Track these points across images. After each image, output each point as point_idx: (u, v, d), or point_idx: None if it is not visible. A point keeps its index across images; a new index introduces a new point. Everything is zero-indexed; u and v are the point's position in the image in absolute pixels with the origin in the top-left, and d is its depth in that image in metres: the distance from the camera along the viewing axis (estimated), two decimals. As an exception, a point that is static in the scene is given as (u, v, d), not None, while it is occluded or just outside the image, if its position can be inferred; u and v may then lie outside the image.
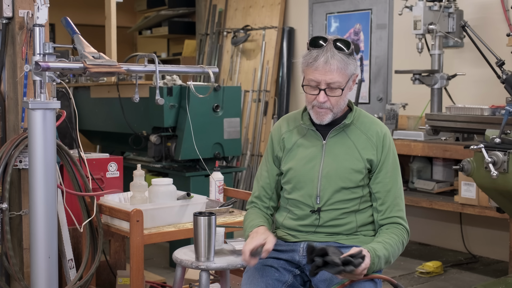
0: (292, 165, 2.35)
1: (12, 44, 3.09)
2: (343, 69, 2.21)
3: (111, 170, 3.56)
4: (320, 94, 2.22)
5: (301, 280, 2.33)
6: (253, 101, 6.24)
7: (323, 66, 2.19)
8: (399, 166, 2.36)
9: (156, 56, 2.62)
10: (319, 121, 2.29)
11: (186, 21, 7.88)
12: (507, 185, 3.07)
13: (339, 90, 2.22)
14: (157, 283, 3.79)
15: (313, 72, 2.22)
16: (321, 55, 2.20)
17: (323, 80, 2.20)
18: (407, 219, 2.35)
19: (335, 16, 5.84)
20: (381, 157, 2.30)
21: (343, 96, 2.26)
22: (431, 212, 5.07)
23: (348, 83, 2.25)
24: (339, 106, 2.27)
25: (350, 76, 2.25)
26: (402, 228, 2.29)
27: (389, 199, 2.29)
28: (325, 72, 2.19)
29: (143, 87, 4.52)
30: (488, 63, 3.78)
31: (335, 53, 2.19)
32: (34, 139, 2.54)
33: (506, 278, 3.45)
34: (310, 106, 2.29)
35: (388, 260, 2.21)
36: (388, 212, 2.29)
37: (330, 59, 2.18)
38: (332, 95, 2.23)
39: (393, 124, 4.83)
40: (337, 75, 2.20)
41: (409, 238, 2.32)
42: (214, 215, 2.53)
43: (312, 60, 2.21)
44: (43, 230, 2.58)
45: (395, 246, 2.23)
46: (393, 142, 2.37)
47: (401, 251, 2.29)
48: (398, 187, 2.33)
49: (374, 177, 2.30)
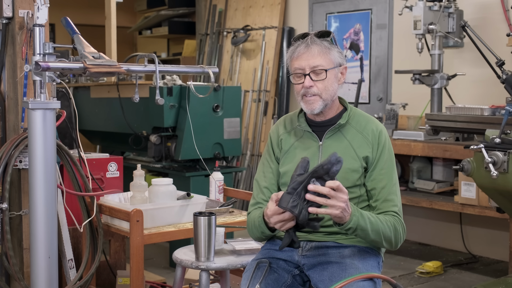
0: (289, 168, 2.35)
1: (12, 44, 3.09)
2: (325, 53, 2.25)
3: (111, 170, 3.56)
4: (306, 79, 2.26)
5: (301, 280, 2.33)
6: (253, 101, 6.24)
7: (304, 51, 2.25)
8: (394, 164, 2.34)
9: (156, 56, 2.62)
10: (310, 110, 2.29)
11: (186, 21, 7.89)
12: (507, 185, 3.07)
13: (324, 73, 2.25)
14: (157, 283, 3.79)
15: (296, 60, 2.27)
16: (302, 43, 2.28)
17: (307, 65, 2.25)
18: (407, 219, 2.34)
19: (335, 16, 5.84)
20: (376, 154, 2.30)
21: (330, 81, 2.27)
22: (431, 212, 5.07)
23: (334, 70, 2.27)
24: (327, 93, 2.28)
25: (335, 64, 2.28)
26: (396, 217, 2.25)
27: (383, 196, 2.28)
28: (307, 57, 2.25)
29: (143, 87, 4.52)
30: (488, 63, 3.78)
31: (315, 40, 2.27)
32: (34, 139, 2.54)
33: (506, 278, 3.45)
34: (299, 98, 2.31)
35: (375, 229, 2.15)
36: (382, 207, 2.27)
37: (310, 44, 2.26)
38: (317, 79, 2.25)
39: (393, 124, 4.83)
40: (319, 58, 2.25)
41: (405, 232, 2.27)
42: (214, 215, 2.53)
43: (294, 50, 2.29)
44: (43, 230, 2.58)
45: (384, 222, 2.19)
46: (389, 140, 2.36)
47: (394, 235, 2.22)
48: (393, 184, 2.30)
49: (369, 174, 2.30)
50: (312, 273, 2.26)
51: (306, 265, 2.29)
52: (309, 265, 2.28)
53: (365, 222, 2.14)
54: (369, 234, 2.16)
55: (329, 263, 2.24)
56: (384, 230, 2.20)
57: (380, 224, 2.19)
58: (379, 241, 2.21)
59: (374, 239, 2.20)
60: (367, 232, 2.15)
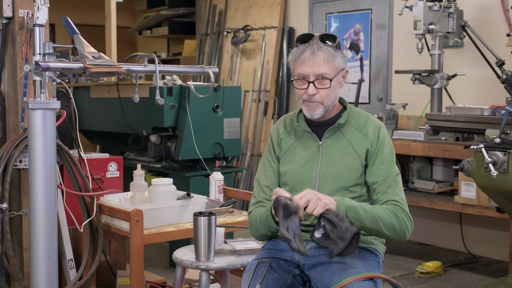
0: (290, 168, 2.36)
1: (12, 44, 3.09)
2: (330, 60, 2.23)
3: (111, 170, 3.56)
4: (309, 87, 2.24)
5: (301, 280, 2.33)
6: (253, 101, 6.24)
7: (309, 58, 2.22)
8: (394, 158, 2.34)
9: (156, 56, 2.62)
10: (311, 115, 2.30)
11: (186, 21, 7.89)
12: (507, 185, 3.07)
13: (328, 82, 2.24)
14: (157, 283, 3.79)
15: (300, 66, 2.25)
16: (307, 49, 2.24)
17: (311, 73, 2.23)
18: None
19: (335, 16, 5.84)
20: (376, 149, 2.30)
21: (333, 89, 2.27)
22: (431, 212, 5.07)
23: (337, 77, 2.26)
24: (329, 100, 2.28)
25: (338, 70, 2.27)
26: (396, 206, 2.23)
27: (383, 188, 2.27)
28: (312, 64, 2.22)
29: (143, 87, 4.52)
30: (488, 63, 3.78)
31: (321, 46, 2.23)
32: (34, 139, 2.54)
33: (506, 278, 3.45)
34: (301, 101, 2.30)
35: (370, 216, 2.16)
36: (382, 199, 2.26)
37: (316, 51, 2.22)
38: (321, 87, 2.24)
39: (393, 124, 4.83)
40: (324, 66, 2.22)
41: (411, 221, 2.23)
42: (214, 215, 2.53)
43: (299, 54, 2.25)
44: (43, 230, 2.58)
45: (382, 209, 2.19)
46: (389, 136, 2.36)
47: (397, 223, 2.20)
48: (393, 177, 2.29)
49: (369, 170, 2.30)
50: (312, 273, 2.27)
51: (307, 265, 2.29)
52: (310, 265, 2.28)
53: (352, 204, 2.14)
54: (361, 217, 2.15)
55: (329, 263, 2.24)
56: (383, 217, 2.18)
57: (376, 211, 2.18)
58: (378, 229, 2.19)
59: (372, 227, 2.18)
60: (359, 215, 2.15)
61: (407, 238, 2.25)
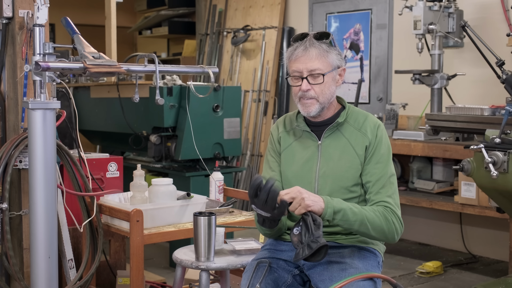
0: (289, 167, 2.36)
1: (12, 44, 3.09)
2: (323, 56, 2.25)
3: (111, 170, 3.56)
4: (303, 83, 2.26)
5: (301, 280, 2.33)
6: (253, 101, 6.24)
7: (302, 53, 2.25)
8: (391, 159, 2.33)
9: (156, 56, 2.62)
10: (306, 113, 2.30)
11: (186, 21, 7.89)
12: (507, 185, 3.07)
13: (321, 77, 2.25)
14: (157, 283, 3.79)
15: (294, 62, 2.27)
16: (300, 46, 2.27)
17: (304, 68, 2.25)
18: (407, 219, 2.32)
19: (335, 16, 5.85)
20: (373, 147, 2.29)
21: (327, 85, 2.27)
22: (431, 212, 5.07)
23: (331, 73, 2.27)
24: (324, 96, 2.28)
25: (333, 67, 2.27)
26: (387, 208, 2.22)
27: (376, 189, 2.26)
28: (305, 60, 2.24)
29: (143, 87, 4.52)
30: (488, 63, 3.78)
31: (314, 42, 2.26)
32: (34, 139, 2.54)
33: (506, 278, 3.45)
34: (297, 99, 2.32)
35: (359, 219, 2.15)
36: (374, 199, 2.25)
37: (309, 47, 2.25)
38: (315, 82, 2.25)
39: (393, 124, 4.83)
40: (317, 61, 2.24)
41: (401, 224, 2.22)
42: (214, 215, 2.53)
43: (292, 51, 2.28)
44: (43, 230, 2.58)
45: (371, 211, 2.18)
46: (387, 136, 2.36)
47: (386, 226, 2.19)
48: (388, 178, 2.27)
49: (364, 168, 2.29)
50: (312, 273, 2.27)
51: (306, 265, 2.29)
52: (309, 265, 2.28)
53: (341, 206, 2.14)
54: (350, 220, 2.14)
55: (329, 263, 2.23)
56: (372, 219, 2.17)
57: (365, 212, 2.17)
58: (366, 231, 2.18)
59: (359, 230, 2.17)
60: (347, 218, 2.14)
61: (396, 241, 2.25)
